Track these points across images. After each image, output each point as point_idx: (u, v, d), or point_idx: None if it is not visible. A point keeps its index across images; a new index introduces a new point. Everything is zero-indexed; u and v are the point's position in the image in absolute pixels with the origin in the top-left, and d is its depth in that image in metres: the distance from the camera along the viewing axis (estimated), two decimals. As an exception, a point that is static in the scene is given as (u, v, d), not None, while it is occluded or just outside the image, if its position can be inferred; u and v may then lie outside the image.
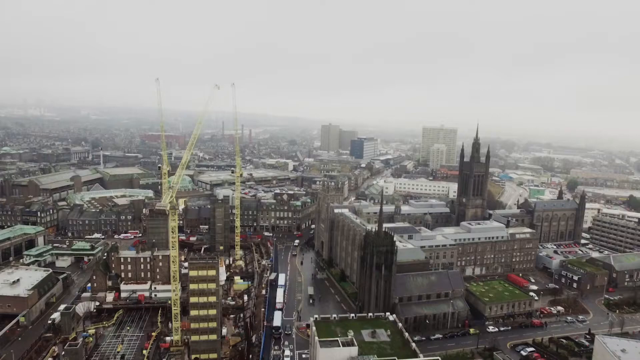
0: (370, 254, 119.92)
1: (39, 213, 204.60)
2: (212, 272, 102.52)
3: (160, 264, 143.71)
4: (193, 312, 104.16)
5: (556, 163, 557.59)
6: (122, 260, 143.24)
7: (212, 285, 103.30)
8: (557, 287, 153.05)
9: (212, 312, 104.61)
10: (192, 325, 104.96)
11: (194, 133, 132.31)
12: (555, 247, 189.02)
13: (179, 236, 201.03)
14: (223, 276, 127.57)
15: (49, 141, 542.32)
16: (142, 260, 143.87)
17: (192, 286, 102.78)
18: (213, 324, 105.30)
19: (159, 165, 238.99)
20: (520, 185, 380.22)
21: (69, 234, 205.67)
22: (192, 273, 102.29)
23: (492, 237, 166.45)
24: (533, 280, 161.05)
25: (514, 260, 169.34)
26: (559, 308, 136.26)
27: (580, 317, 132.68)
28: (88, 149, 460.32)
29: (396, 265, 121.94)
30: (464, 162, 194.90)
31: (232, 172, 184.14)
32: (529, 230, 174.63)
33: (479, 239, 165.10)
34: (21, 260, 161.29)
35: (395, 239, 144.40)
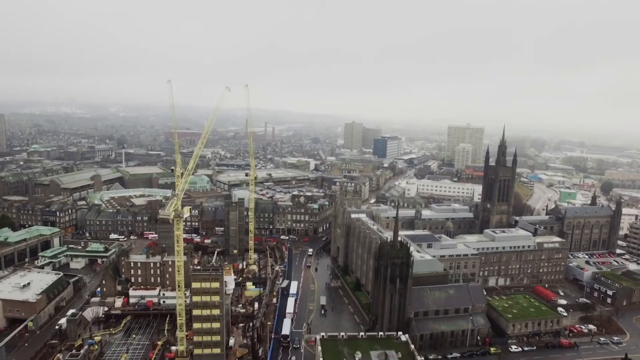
0: (385, 266, 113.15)
1: (57, 213, 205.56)
2: (215, 284, 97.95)
3: (170, 269, 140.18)
4: (196, 325, 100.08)
5: (590, 163, 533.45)
6: (131, 264, 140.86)
7: (216, 298, 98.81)
8: (589, 302, 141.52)
9: (216, 325, 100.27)
10: (196, 338, 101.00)
11: (202, 136, 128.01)
12: (587, 257, 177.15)
13: (193, 238, 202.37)
14: (232, 285, 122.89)
15: (77, 139, 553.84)
16: (151, 265, 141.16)
17: (195, 298, 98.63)
18: (217, 338, 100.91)
19: (172, 168, 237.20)
20: (550, 187, 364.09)
21: (87, 234, 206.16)
22: (195, 285, 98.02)
23: (518, 247, 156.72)
24: (562, 294, 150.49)
25: (541, 271, 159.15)
26: (591, 327, 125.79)
27: (616, 338, 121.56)
28: (112, 147, 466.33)
29: (412, 278, 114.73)
30: (489, 165, 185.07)
31: (247, 175, 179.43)
32: (558, 239, 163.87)
33: (504, 248, 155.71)
34: (36, 262, 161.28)
35: (413, 247, 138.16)
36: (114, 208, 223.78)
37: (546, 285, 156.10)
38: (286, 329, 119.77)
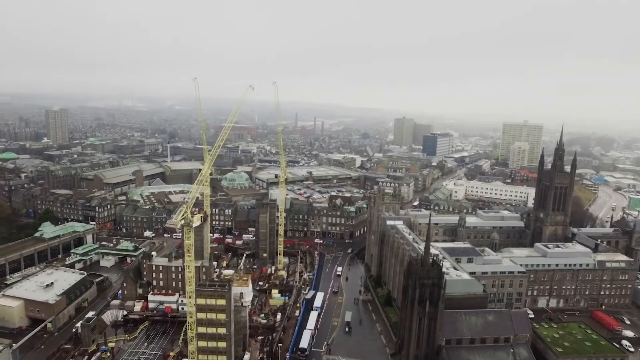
0: (413, 287, 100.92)
1: (97, 208, 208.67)
2: (221, 302, 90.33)
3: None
4: (201, 343, 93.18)
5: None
6: (153, 267, 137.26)
7: (222, 316, 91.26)
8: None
9: (222, 344, 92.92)
10: (201, 357, 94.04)
11: (220, 136, 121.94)
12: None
13: (224, 238, 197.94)
14: (249, 297, 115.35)
15: (131, 132, 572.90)
16: (173, 269, 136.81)
17: (200, 315, 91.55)
18: (223, 358, 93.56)
19: (199, 168, 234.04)
20: (617, 191, 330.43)
21: (124, 230, 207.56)
22: (200, 301, 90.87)
23: (574, 265, 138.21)
24: (628, 323, 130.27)
25: (602, 293, 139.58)
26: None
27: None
28: (160, 141, 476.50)
29: (446, 300, 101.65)
30: (543, 170, 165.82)
31: (276, 176, 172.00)
32: (624, 258, 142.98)
33: (557, 265, 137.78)
34: (67, 259, 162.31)
35: (450, 262, 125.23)
36: (151, 204, 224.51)
37: (603, 307, 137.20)
38: (305, 341, 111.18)
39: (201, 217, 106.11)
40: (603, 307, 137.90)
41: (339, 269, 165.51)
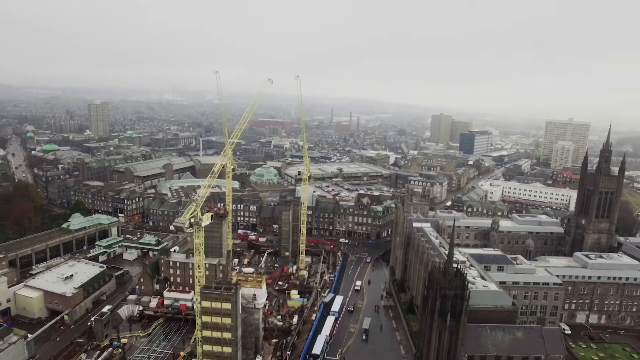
0: (433, 298, 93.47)
1: (125, 201, 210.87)
2: (227, 306, 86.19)
3: (207, 272, 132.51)
4: (206, 347, 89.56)
5: None
6: (170, 264, 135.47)
7: (227, 320, 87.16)
8: None
9: (227, 349, 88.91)
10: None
11: (235, 131, 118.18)
12: None
13: (247, 234, 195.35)
14: (262, 299, 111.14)
15: (168, 125, 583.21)
16: (190, 266, 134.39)
17: (205, 318, 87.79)
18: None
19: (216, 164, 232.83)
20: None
21: (150, 224, 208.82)
22: (205, 304, 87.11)
23: (619, 278, 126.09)
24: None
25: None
26: None
27: None
28: (195, 135, 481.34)
29: (469, 313, 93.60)
30: (587, 172, 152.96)
31: (299, 173, 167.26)
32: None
33: (599, 278, 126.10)
34: (92, 251, 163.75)
35: (478, 270, 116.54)
36: (179, 197, 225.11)
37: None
38: (318, 347, 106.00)
39: (211, 215, 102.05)
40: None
41: (358, 282, 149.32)
